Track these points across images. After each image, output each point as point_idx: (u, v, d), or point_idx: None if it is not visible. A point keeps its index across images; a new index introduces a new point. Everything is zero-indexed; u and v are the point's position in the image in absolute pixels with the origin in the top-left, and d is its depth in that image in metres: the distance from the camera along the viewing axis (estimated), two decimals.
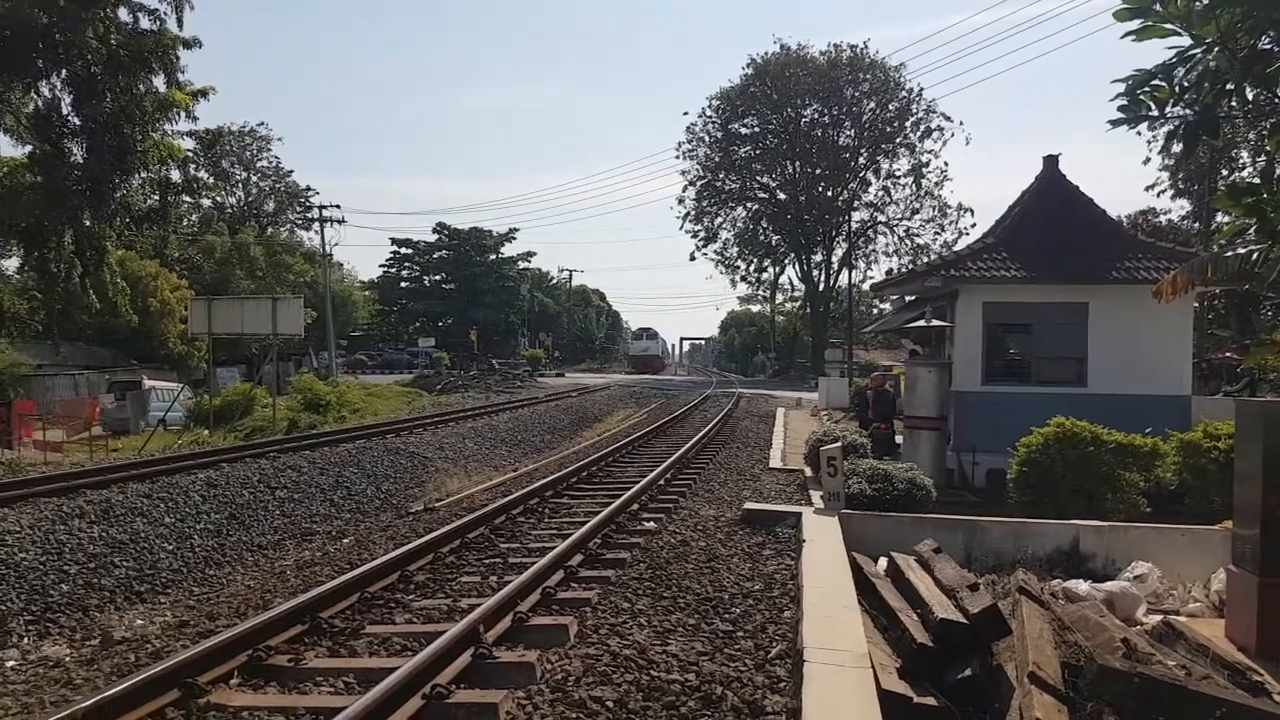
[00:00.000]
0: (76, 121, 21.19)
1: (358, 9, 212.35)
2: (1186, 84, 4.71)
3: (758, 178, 66.68)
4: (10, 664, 6.90)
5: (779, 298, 78.80)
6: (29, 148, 22.08)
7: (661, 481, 12.74)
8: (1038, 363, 15.63)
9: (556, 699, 5.00)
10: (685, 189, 66.32)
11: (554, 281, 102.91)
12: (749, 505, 10.52)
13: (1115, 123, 4.90)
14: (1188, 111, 4.86)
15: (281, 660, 5.64)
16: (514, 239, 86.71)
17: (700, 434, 19.35)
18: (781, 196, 65.95)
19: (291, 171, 75.70)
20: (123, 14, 20.86)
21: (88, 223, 22.01)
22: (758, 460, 16.09)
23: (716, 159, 65.33)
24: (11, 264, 29.36)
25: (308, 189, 74.51)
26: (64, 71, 20.27)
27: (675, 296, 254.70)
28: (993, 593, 7.14)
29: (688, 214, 66.78)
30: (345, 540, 11.23)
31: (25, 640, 7.49)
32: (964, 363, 15.52)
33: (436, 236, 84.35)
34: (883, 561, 8.40)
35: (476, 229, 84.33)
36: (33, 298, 29.99)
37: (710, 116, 64.23)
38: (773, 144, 64.43)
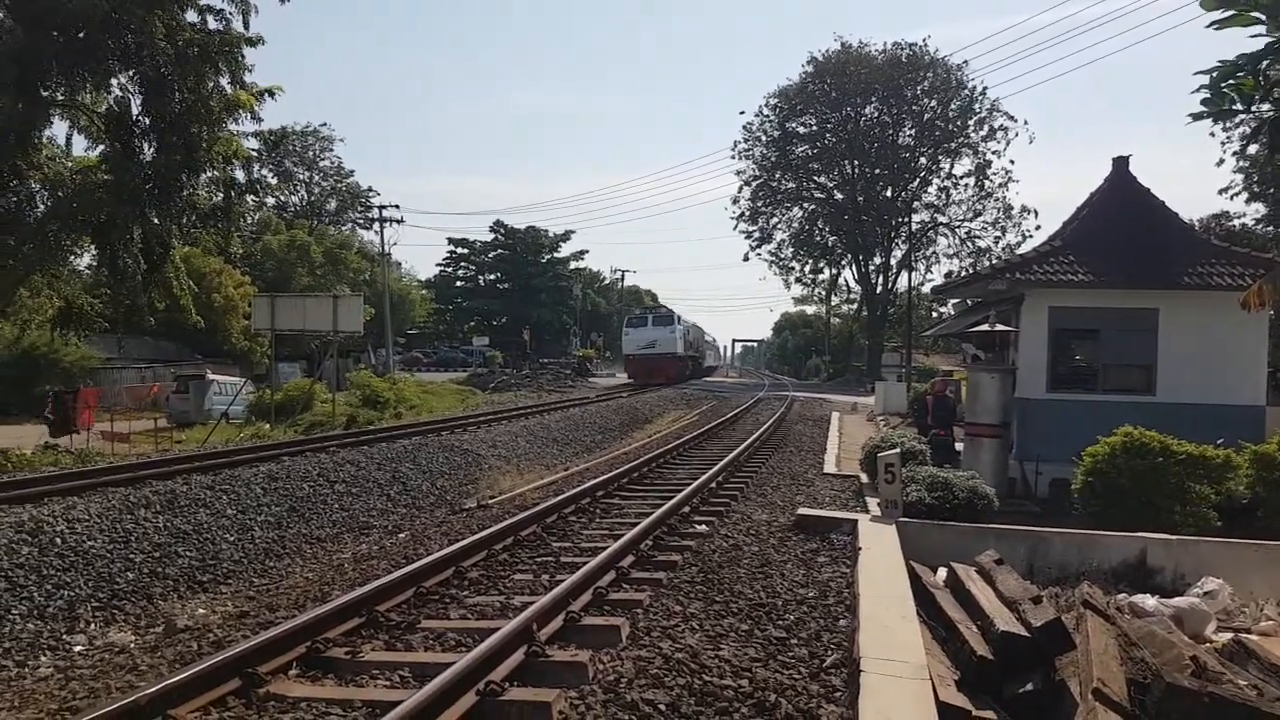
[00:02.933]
0: (146, 121, 21.80)
1: (417, 11, 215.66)
2: (1271, 76, 4.48)
3: (815, 177, 66.10)
4: (78, 649, 7.13)
5: (835, 300, 78.01)
6: (101, 147, 22.83)
7: (713, 485, 12.67)
8: (1105, 370, 15.22)
9: (609, 700, 4.98)
10: (740, 189, 66.11)
11: (606, 282, 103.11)
12: (803, 511, 10.38)
13: (1197, 116, 4.69)
14: (1270, 108, 4.65)
15: (339, 653, 5.71)
16: (569, 239, 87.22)
17: (752, 437, 19.21)
18: (839, 197, 65.29)
19: (353, 172, 77.42)
20: (191, 16, 21.42)
21: (155, 220, 22.64)
22: (812, 465, 15.91)
23: (773, 158, 64.92)
24: (83, 261, 30.42)
25: (369, 189, 75.96)
26: (134, 71, 20.87)
27: (726, 298, 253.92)
28: (1056, 606, 6.96)
29: (742, 214, 66.55)
30: (401, 535, 11.37)
31: (92, 626, 7.72)
32: (1028, 369, 15.18)
33: (493, 236, 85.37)
34: (942, 572, 8.25)
35: (532, 229, 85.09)
36: (102, 294, 30.99)
37: (767, 115, 63.91)
38: (831, 143, 63.82)
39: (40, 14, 18.51)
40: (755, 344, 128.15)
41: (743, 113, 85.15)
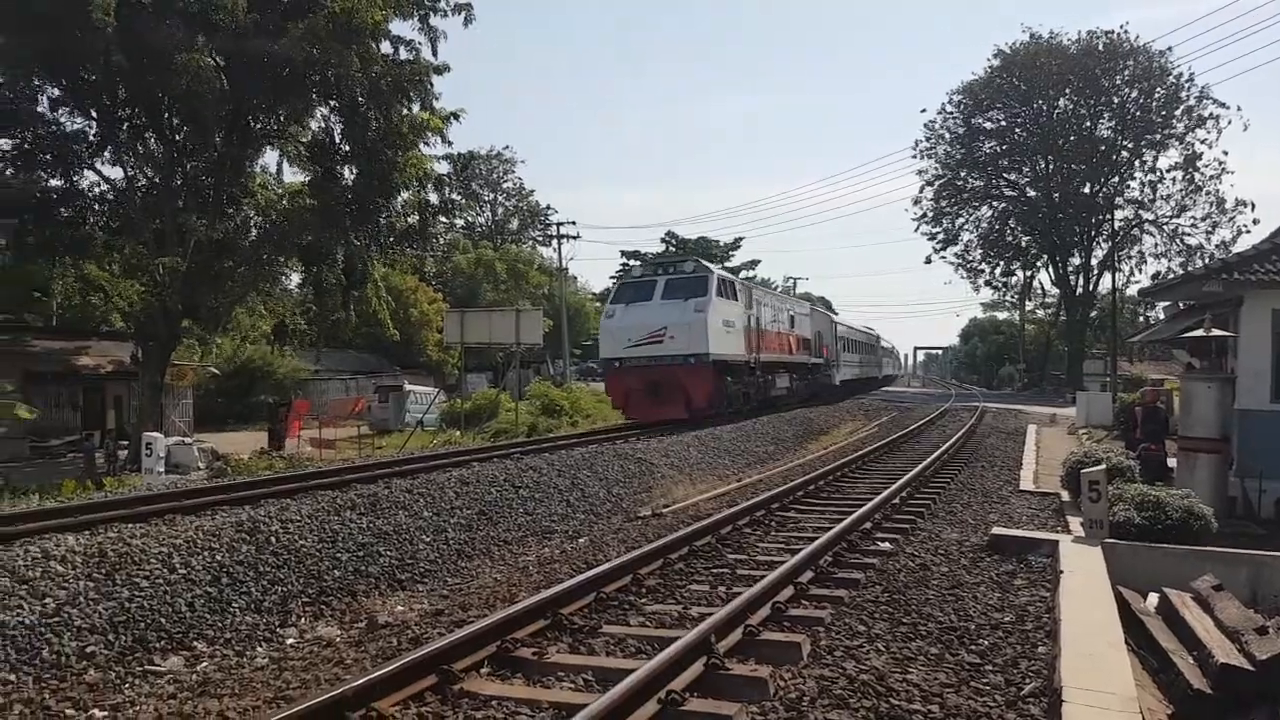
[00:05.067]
0: (346, 148, 23.65)
1: (583, 30, 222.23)
2: None
3: (1004, 175, 62.81)
4: (290, 641, 7.72)
5: (1029, 304, 73.67)
6: (306, 174, 24.99)
7: (896, 500, 12.20)
8: None
9: (791, 718, 4.88)
10: (922, 189, 63.67)
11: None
12: (997, 530, 9.83)
13: None
14: None
15: (526, 653, 5.90)
16: (739, 247, 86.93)
17: (939, 451, 18.39)
18: (1031, 194, 61.74)
19: (533, 191, 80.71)
20: (384, 47, 23.05)
21: (356, 241, 24.50)
22: (1006, 481, 15.05)
23: (958, 156, 62.15)
24: (293, 281, 33.45)
25: (548, 208, 79.01)
26: (334, 103, 22.69)
27: (906, 303, 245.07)
28: None
29: (924, 215, 64.01)
30: (581, 540, 11.65)
31: (303, 620, 8.35)
32: (1250, 377, 13.71)
33: (664, 247, 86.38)
34: (1153, 598, 7.66)
35: (703, 238, 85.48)
36: (308, 310, 33.92)
37: (951, 112, 61.34)
38: (1021, 138, 60.45)
39: (251, 57, 20.45)
40: (939, 351, 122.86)
41: (924, 110, 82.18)
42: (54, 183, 22.30)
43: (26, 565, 7.29)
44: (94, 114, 21.76)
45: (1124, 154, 58.35)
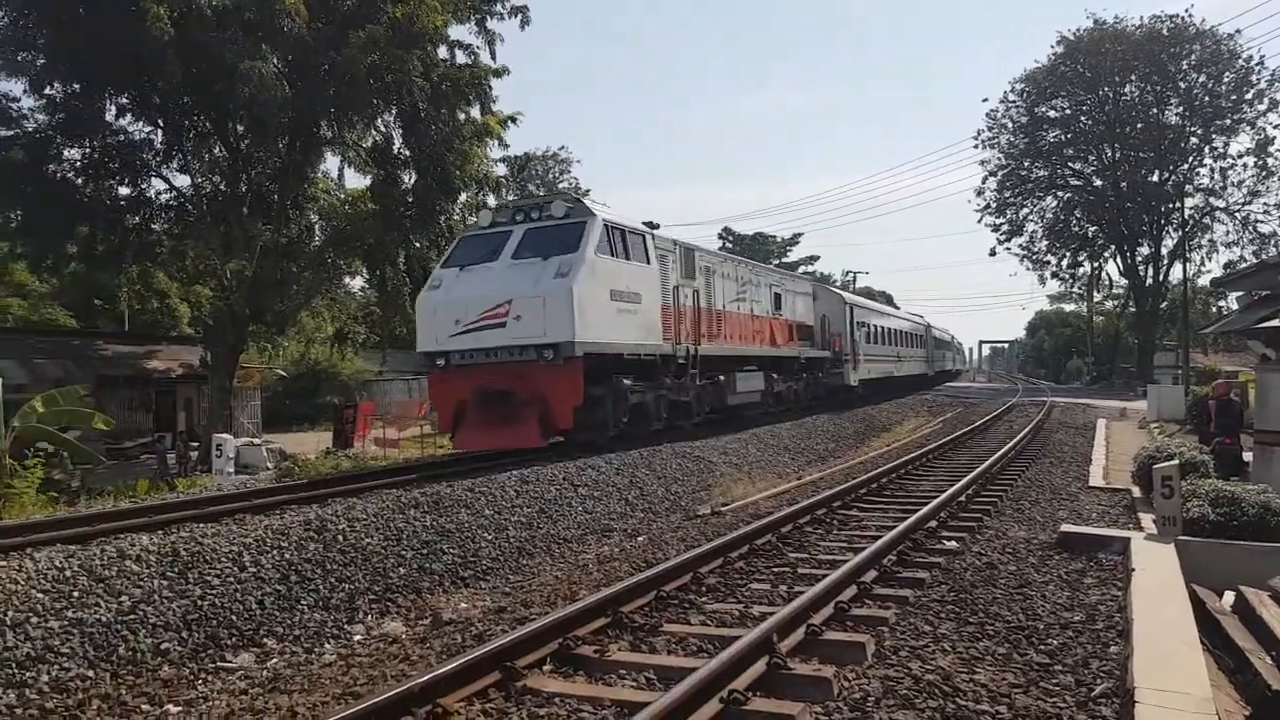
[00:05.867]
0: (406, 153, 24.03)
1: (636, 27, 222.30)
2: None
3: (1069, 164, 61.29)
4: (357, 637, 7.87)
5: (1097, 295, 71.71)
6: (368, 178, 25.46)
7: (962, 498, 11.98)
8: None
9: (856, 718, 4.82)
10: (985, 180, 62.50)
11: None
12: (1066, 527, 9.59)
13: None
14: None
15: (587, 650, 5.93)
16: (798, 243, 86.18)
17: (1005, 447, 18.01)
18: (1098, 183, 60.14)
19: (588, 191, 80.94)
20: (442, 52, 23.34)
21: (417, 244, 24.88)
22: (1075, 478, 14.68)
23: (1021, 145, 60.86)
24: (356, 284, 34.17)
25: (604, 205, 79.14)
26: (394, 108, 23.06)
27: (971, 297, 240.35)
28: None
29: (988, 206, 62.77)
30: (639, 539, 11.66)
31: (369, 617, 8.50)
32: None
33: (720, 243, 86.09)
34: (1229, 596, 7.41)
35: (760, 234, 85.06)
36: (371, 314, 34.53)
37: (1013, 101, 60.07)
38: (1086, 126, 58.95)
39: (314, 66, 20.88)
40: (1005, 345, 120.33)
41: (985, 100, 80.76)
42: (122, 190, 23.09)
43: (103, 564, 7.54)
44: (160, 122, 22.47)
45: (1193, 140, 56.50)
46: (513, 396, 14.31)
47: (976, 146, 62.70)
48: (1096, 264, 65.84)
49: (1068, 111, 59.33)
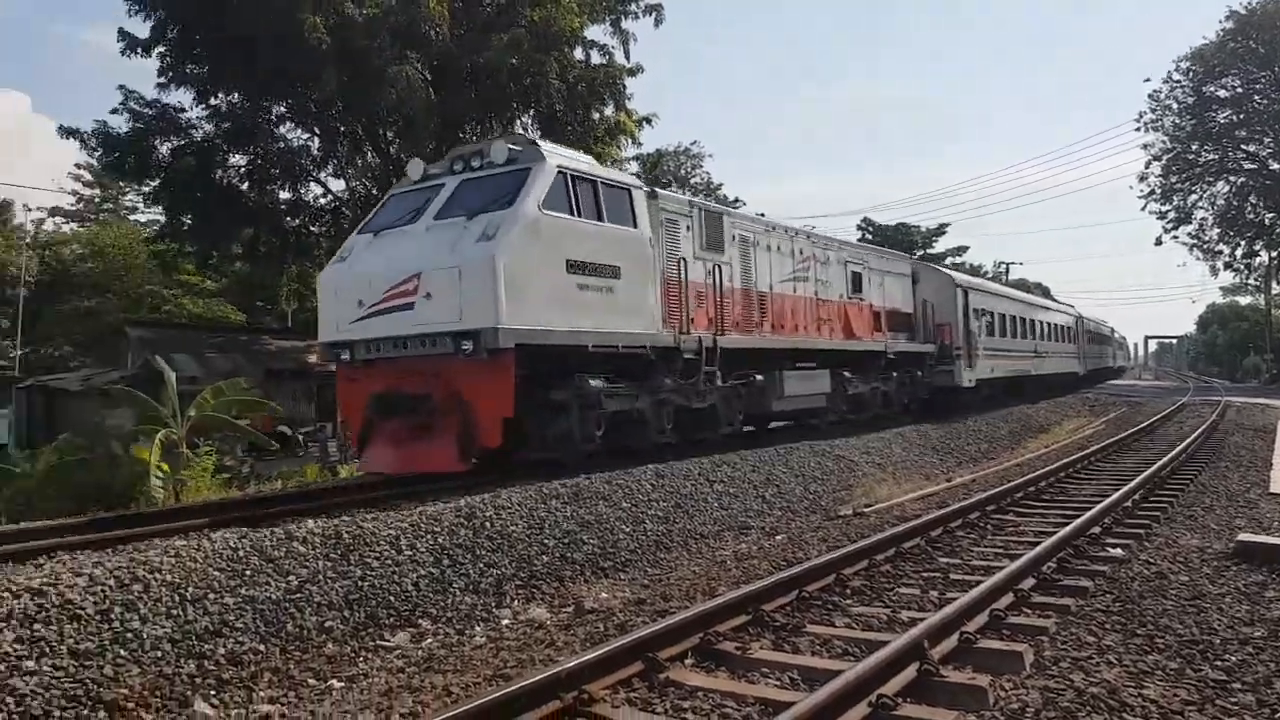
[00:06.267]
0: None
1: (763, 23, 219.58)
2: None
3: (1242, 146, 56.74)
4: (505, 622, 8.09)
5: (1276, 287, 66.07)
6: None
7: (1128, 503, 11.23)
8: None
9: None
10: (1148, 165, 58.66)
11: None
12: (1244, 536, 8.84)
13: None
14: None
15: (729, 647, 5.89)
16: (944, 233, 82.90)
17: (1175, 450, 16.79)
18: (1274, 166, 55.34)
19: (720, 185, 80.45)
20: (577, 53, 23.72)
21: None
22: (1254, 483, 13.54)
23: (1188, 128, 56.66)
24: None
25: (735, 200, 78.62)
26: (532, 110, 23.62)
27: (1135, 289, 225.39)
28: None
29: (1152, 192, 58.87)
30: (778, 537, 11.51)
31: (515, 602, 8.73)
32: None
33: (860, 235, 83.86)
34: None
35: (902, 225, 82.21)
36: None
37: (1179, 81, 56.13)
38: (1260, 105, 54.44)
39: (456, 70, 21.62)
40: (1173, 341, 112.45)
41: (1148, 80, 75.53)
42: (283, 195, 24.65)
43: (273, 545, 8.01)
44: (316, 130, 23.84)
45: None
46: (426, 401, 10.71)
47: (1138, 129, 58.78)
48: (1275, 253, 60.73)
49: (1239, 90, 55.08)
